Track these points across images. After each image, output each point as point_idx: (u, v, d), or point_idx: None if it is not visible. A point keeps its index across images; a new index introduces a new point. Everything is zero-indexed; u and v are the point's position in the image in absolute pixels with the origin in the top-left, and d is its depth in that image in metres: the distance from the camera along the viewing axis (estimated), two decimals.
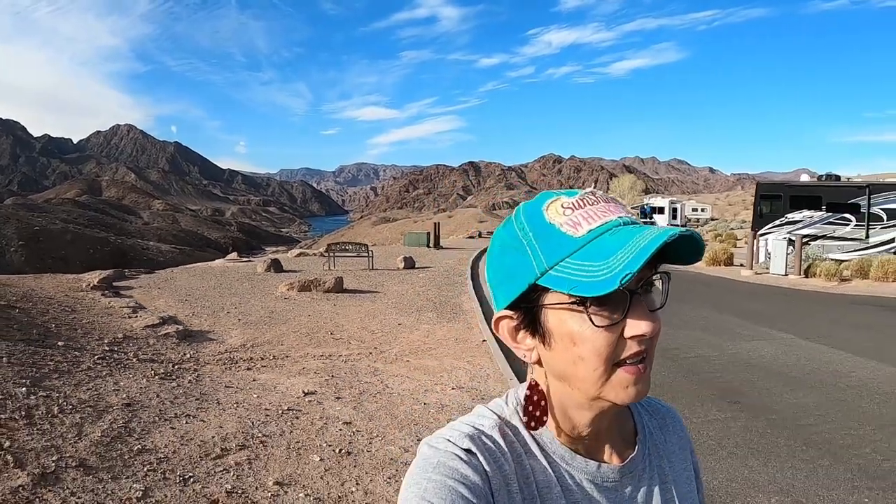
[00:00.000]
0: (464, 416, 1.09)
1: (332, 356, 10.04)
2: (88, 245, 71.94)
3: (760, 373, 10.03)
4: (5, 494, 4.15)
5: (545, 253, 0.95)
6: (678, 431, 1.25)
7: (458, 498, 0.91)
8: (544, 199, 1.02)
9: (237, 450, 5.61)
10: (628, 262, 0.86)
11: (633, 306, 0.93)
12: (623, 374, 0.94)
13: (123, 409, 6.26)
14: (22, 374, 6.74)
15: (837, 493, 5.64)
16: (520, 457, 1.03)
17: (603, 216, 0.96)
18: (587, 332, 0.93)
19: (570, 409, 1.03)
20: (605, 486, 1.06)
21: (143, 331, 10.40)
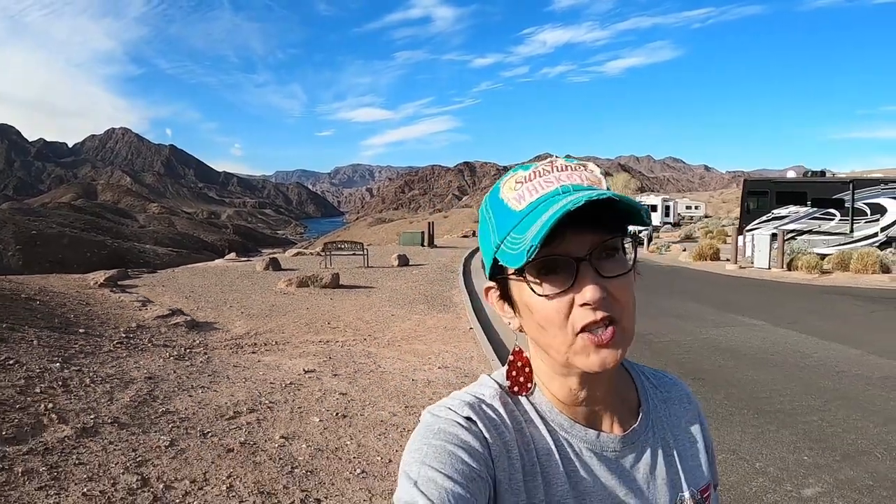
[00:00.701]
0: (467, 386, 1.13)
1: (329, 342, 10.81)
2: (85, 248, 71.54)
3: (728, 355, 10.75)
4: (53, 443, 4.95)
5: (498, 228, 1.00)
6: (685, 404, 1.26)
7: (458, 461, 0.93)
8: (506, 175, 1.06)
9: (247, 412, 6.43)
10: (535, 235, 0.88)
11: (581, 274, 0.95)
12: (584, 342, 0.95)
13: (146, 381, 7.09)
14: (52, 354, 7.55)
15: (780, 452, 6.36)
16: (520, 425, 1.05)
17: (545, 187, 0.98)
18: (536, 301, 0.97)
19: (555, 376, 1.06)
20: (605, 456, 1.08)
21: (155, 321, 11.18)
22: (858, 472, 5.84)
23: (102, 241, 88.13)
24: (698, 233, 52.33)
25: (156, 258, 75.40)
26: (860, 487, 5.48)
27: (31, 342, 7.81)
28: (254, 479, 4.79)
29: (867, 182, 27.99)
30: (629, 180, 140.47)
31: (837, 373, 9.51)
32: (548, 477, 1.02)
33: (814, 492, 5.39)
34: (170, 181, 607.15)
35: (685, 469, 1.15)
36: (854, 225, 27.49)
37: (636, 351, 10.65)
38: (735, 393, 8.49)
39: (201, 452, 5.22)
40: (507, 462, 0.99)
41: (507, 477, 0.98)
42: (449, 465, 0.92)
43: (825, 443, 6.64)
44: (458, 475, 0.91)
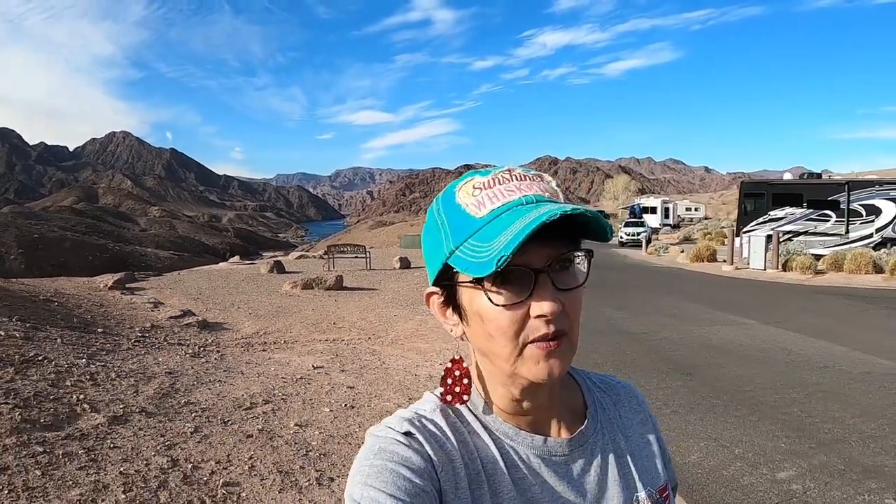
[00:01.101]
0: (412, 404, 1.13)
1: (335, 341, 11.30)
2: (87, 252, 70.56)
3: (717, 351, 11.21)
4: (88, 429, 5.44)
5: (453, 233, 0.98)
6: (635, 407, 1.27)
7: (400, 479, 0.93)
8: (461, 180, 1.04)
9: (263, 404, 6.94)
10: (505, 245, 0.87)
11: (539, 286, 0.95)
12: (533, 350, 0.96)
13: (166, 375, 7.60)
14: (77, 351, 8.05)
15: (758, 439, 6.79)
16: (463, 436, 1.05)
17: (507, 195, 0.97)
18: (490, 310, 0.96)
19: (499, 385, 1.06)
20: (553, 461, 1.08)
21: (168, 321, 11.68)
22: (832, 457, 6.24)
23: (104, 244, 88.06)
24: (697, 234, 52.50)
25: (157, 261, 75.41)
26: (832, 471, 5.89)
27: (55, 340, 8.30)
28: (273, 461, 5.30)
29: (862, 184, 28.32)
30: (629, 182, 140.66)
31: (821, 368, 9.92)
32: (494, 486, 1.02)
33: (787, 475, 5.81)
34: (171, 185, 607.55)
35: (640, 469, 1.17)
36: (849, 226, 27.81)
37: (629, 347, 11.22)
38: (721, 386, 8.93)
39: (223, 438, 5.72)
40: (451, 473, 0.99)
41: (452, 488, 0.98)
42: (391, 483, 0.93)
43: (802, 431, 7.04)
44: (400, 493, 0.92)
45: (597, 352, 10.92)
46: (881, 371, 9.63)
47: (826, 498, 5.33)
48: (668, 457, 1.27)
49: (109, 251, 79.69)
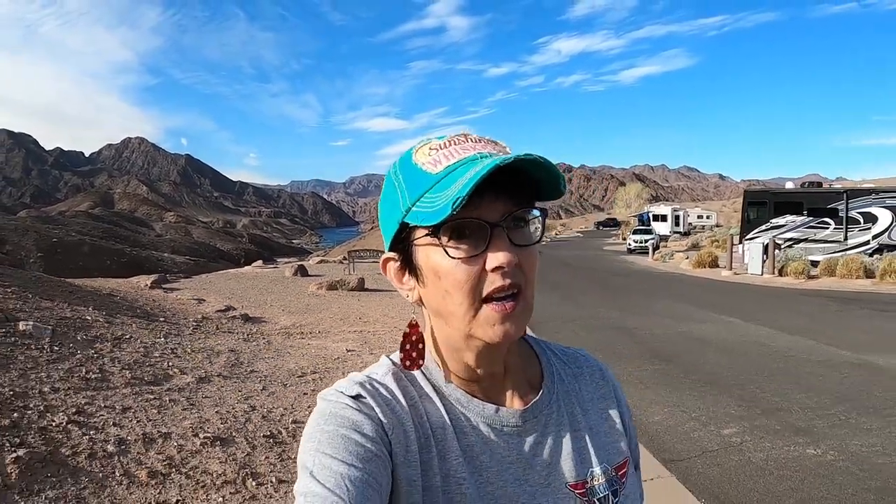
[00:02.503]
0: (365, 369, 1.12)
1: (362, 332, 12.93)
2: (105, 256, 72.43)
3: (697, 344, 12.64)
4: (182, 386, 7.13)
5: (409, 191, 0.98)
6: (598, 381, 1.25)
7: (352, 444, 0.93)
8: (417, 144, 1.05)
9: (311, 373, 8.63)
10: (461, 189, 0.88)
11: (494, 239, 0.94)
12: (489, 311, 0.96)
13: (230, 353, 9.28)
14: (153, 332, 9.76)
15: (714, 408, 8.26)
16: (413, 400, 1.05)
17: (463, 153, 0.98)
18: (447, 265, 0.96)
19: (454, 350, 1.06)
20: (504, 430, 1.07)
21: (216, 314, 13.33)
22: (771, 420, 7.69)
23: (121, 249, 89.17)
24: (705, 242, 53.04)
25: (173, 266, 76.13)
26: (768, 430, 7.34)
27: (131, 325, 9.94)
28: None
29: (860, 192, 29.28)
30: (642, 190, 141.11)
31: (786, 357, 11.34)
32: (442, 451, 1.02)
33: (730, 431, 7.29)
34: (186, 190, 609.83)
35: (597, 445, 1.15)
36: (848, 233, 28.70)
37: (622, 342, 12.69)
38: (692, 370, 10.41)
39: (286, 394, 7.41)
40: (402, 436, 0.99)
41: (403, 450, 0.98)
42: (343, 448, 0.92)
43: (753, 402, 8.50)
44: (352, 458, 0.91)
45: (591, 343, 12.35)
46: (839, 360, 10.97)
47: (757, 447, 6.77)
48: (633, 434, 1.27)
49: (127, 256, 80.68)
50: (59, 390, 5.96)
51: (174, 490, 4.48)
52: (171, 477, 4.65)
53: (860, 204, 28.66)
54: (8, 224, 72.50)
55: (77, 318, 9.19)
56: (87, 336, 8.35)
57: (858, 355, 11.32)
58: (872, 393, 8.94)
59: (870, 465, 6.28)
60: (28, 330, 7.49)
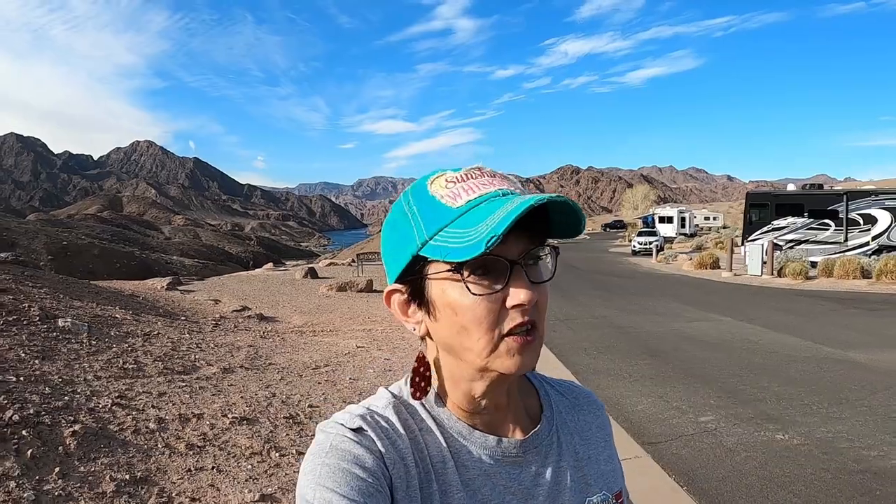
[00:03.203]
0: (364, 400, 1.12)
1: (371, 330, 13.67)
2: (115, 259, 73.01)
3: (687, 341, 13.28)
4: (209, 375, 7.92)
5: (426, 224, 0.98)
6: (594, 411, 1.28)
7: (353, 479, 0.93)
8: (431, 175, 1.05)
9: (324, 366, 9.40)
10: (494, 227, 0.88)
11: (514, 276, 0.96)
12: (509, 343, 0.96)
13: (249, 348, 10.05)
14: (177, 330, 10.54)
15: (694, 398, 8.93)
16: (414, 433, 1.04)
17: (483, 188, 0.99)
18: (467, 301, 0.96)
19: (461, 382, 1.05)
20: (505, 462, 1.08)
21: (232, 314, 14.08)
22: (747, 410, 8.33)
23: (131, 252, 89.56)
24: (710, 243, 53.13)
25: (182, 269, 76.30)
26: (743, 417, 8.00)
27: (156, 323, 10.71)
28: (338, 396, 7.80)
29: (859, 194, 29.76)
30: (648, 192, 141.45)
31: (770, 353, 11.96)
32: (444, 485, 1.02)
33: (707, 418, 7.96)
34: (194, 193, 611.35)
35: (595, 474, 1.17)
36: (848, 234, 29.23)
37: (615, 337, 13.34)
38: (679, 364, 11.07)
39: (302, 383, 8.20)
40: (402, 470, 0.99)
41: (403, 485, 0.98)
42: (344, 483, 0.92)
43: (731, 394, 9.15)
44: (354, 493, 0.92)
45: (587, 340, 13.02)
46: (821, 356, 11.59)
47: (730, 432, 7.42)
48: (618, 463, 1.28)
49: (136, 259, 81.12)
50: (101, 378, 6.72)
51: (209, 459, 5.23)
52: (206, 449, 5.40)
53: (860, 206, 29.14)
54: (18, 227, 72.93)
55: (108, 316, 9.96)
56: (119, 332, 9.14)
57: (840, 351, 11.89)
58: (847, 386, 9.51)
59: (832, 448, 6.86)
60: (67, 326, 8.26)
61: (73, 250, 69.59)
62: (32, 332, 7.72)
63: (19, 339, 7.29)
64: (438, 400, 1.09)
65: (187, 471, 4.95)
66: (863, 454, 6.68)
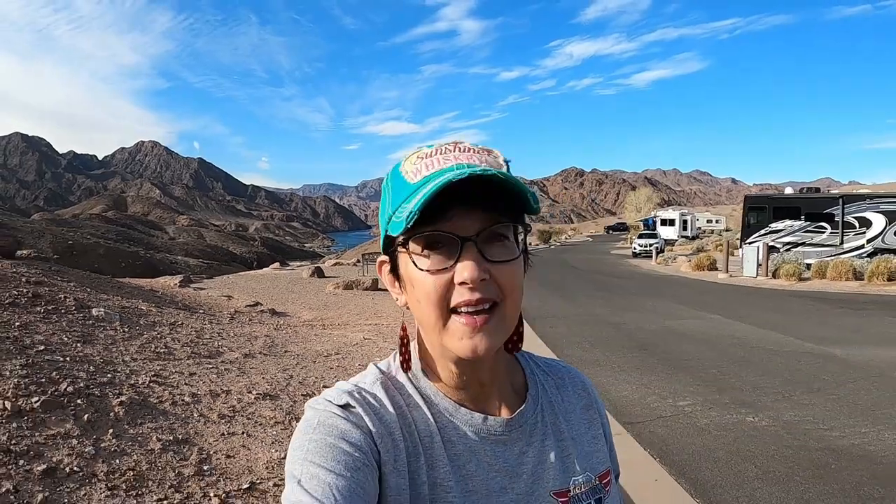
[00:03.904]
0: (353, 377, 1.14)
1: (377, 325, 14.50)
2: (120, 259, 72.25)
3: (676, 336, 14.01)
4: (232, 359, 8.71)
5: (393, 199, 1.01)
6: (579, 391, 1.27)
7: (340, 453, 0.94)
8: (412, 150, 1.06)
9: (335, 355, 10.20)
10: (417, 202, 0.90)
11: (464, 253, 0.95)
12: (457, 324, 0.97)
13: (265, 338, 10.86)
14: (198, 321, 11.32)
15: (676, 386, 9.67)
16: (402, 408, 1.06)
17: (443, 164, 0.99)
18: (418, 275, 0.98)
19: (437, 358, 1.08)
20: (491, 439, 1.09)
21: (246, 308, 14.88)
22: (723, 396, 9.07)
23: (136, 251, 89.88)
24: (710, 246, 53.49)
25: (187, 269, 76.44)
26: (718, 403, 8.73)
27: (178, 314, 11.50)
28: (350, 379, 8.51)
29: (855, 197, 30.43)
30: (651, 194, 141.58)
31: (754, 348, 12.65)
32: (430, 459, 1.03)
33: (685, 403, 8.70)
34: (198, 194, 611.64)
35: (580, 454, 1.17)
36: (844, 237, 29.70)
37: (608, 333, 14.05)
38: (666, 357, 11.80)
39: (316, 368, 9.01)
40: (390, 445, 1.00)
41: (391, 458, 0.99)
42: (331, 458, 0.93)
43: (710, 382, 9.87)
44: (341, 467, 0.92)
45: (582, 335, 13.76)
46: (801, 350, 12.27)
47: (704, 415, 8.14)
48: (612, 445, 1.29)
49: (141, 258, 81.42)
50: (137, 360, 7.51)
51: (239, 426, 6.01)
52: (235, 418, 6.19)
53: (855, 209, 29.66)
54: (24, 227, 73.37)
55: (134, 308, 10.75)
56: (146, 321, 9.93)
57: (820, 347, 12.54)
58: (820, 377, 10.16)
59: (797, 430, 7.54)
60: (101, 315, 9.05)
61: (78, 250, 69.21)
62: (71, 319, 8.48)
63: (60, 325, 8.06)
64: (426, 375, 1.11)
65: (221, 435, 5.72)
66: (824, 434, 7.34)
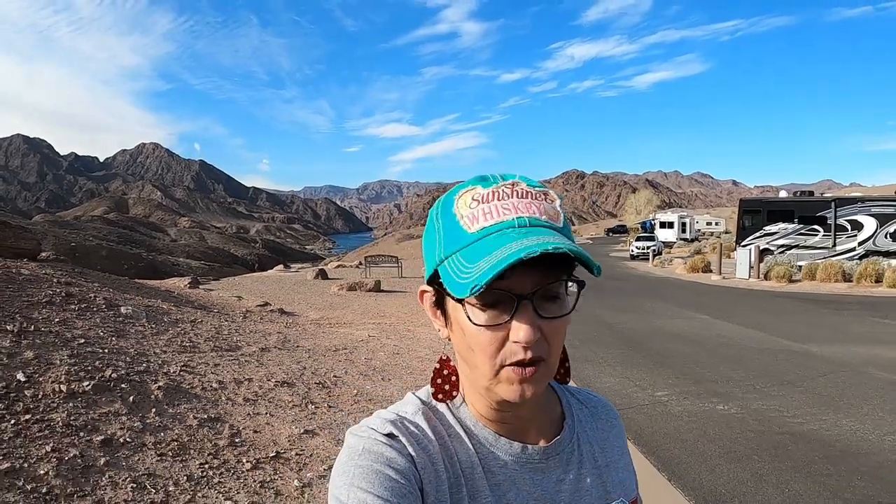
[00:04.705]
0: (391, 406, 1.14)
1: (380, 324, 15.33)
2: (123, 261, 74.34)
3: (664, 335, 14.79)
4: (250, 353, 9.55)
5: (445, 243, 1.00)
6: (612, 420, 1.31)
7: (386, 480, 0.95)
8: (462, 187, 1.04)
9: (342, 349, 11.08)
10: (481, 275, 0.89)
11: (520, 311, 0.95)
12: (509, 373, 0.97)
13: (278, 334, 11.69)
14: (215, 319, 12.13)
15: (656, 379, 10.44)
16: (443, 439, 1.07)
17: (502, 215, 0.97)
18: (471, 328, 0.97)
19: (480, 394, 1.08)
20: (529, 468, 1.10)
21: (256, 308, 15.69)
22: (699, 388, 9.82)
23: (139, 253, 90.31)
24: (707, 248, 53.95)
25: (189, 271, 76.62)
26: (692, 393, 9.50)
27: (196, 313, 12.30)
28: (357, 371, 9.47)
29: (847, 200, 31.16)
30: (651, 197, 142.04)
31: (734, 345, 13.39)
32: (472, 490, 1.04)
33: (661, 393, 9.48)
34: (199, 196, 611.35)
35: (613, 480, 1.20)
36: (836, 239, 30.52)
37: (599, 331, 14.84)
38: (651, 353, 12.59)
39: (326, 360, 9.89)
40: (433, 474, 1.01)
41: (433, 489, 1.01)
42: (378, 484, 0.94)
43: (688, 376, 10.62)
44: (387, 493, 0.94)
45: (572, 333, 14.12)
46: (779, 347, 12.99)
47: (679, 404, 8.92)
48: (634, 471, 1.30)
49: (143, 260, 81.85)
50: (166, 352, 8.34)
51: (263, 408, 6.86)
52: (258, 402, 7.04)
53: (847, 212, 30.40)
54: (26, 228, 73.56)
55: (156, 307, 11.56)
56: (170, 319, 10.75)
57: (799, 344, 13.23)
58: (794, 371, 10.87)
59: (763, 417, 8.27)
60: (129, 312, 9.86)
61: (81, 251, 70.05)
62: (103, 316, 9.29)
63: (94, 321, 8.85)
64: (465, 406, 1.12)
65: (247, 414, 6.57)
66: (787, 421, 8.07)
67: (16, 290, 8.95)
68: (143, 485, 4.57)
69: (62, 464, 4.51)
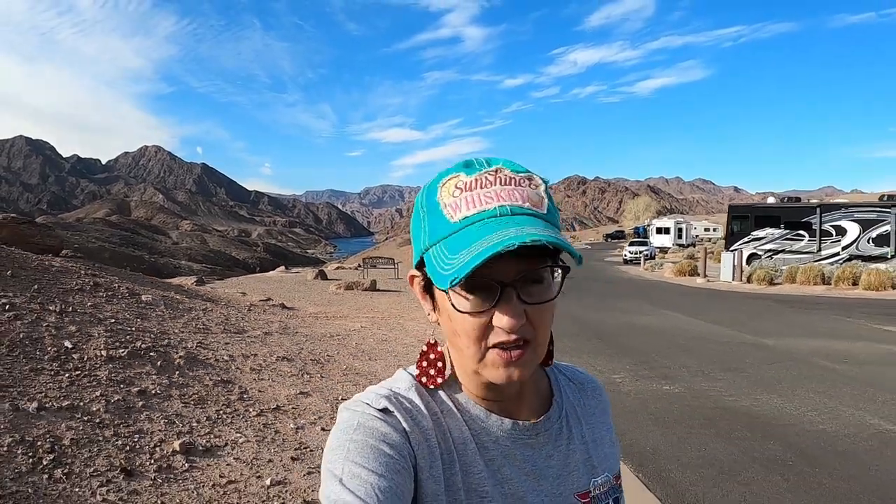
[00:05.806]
0: (383, 381, 1.16)
1: (373, 317, 16.63)
2: (125, 263, 71.70)
3: (634, 330, 15.86)
4: (256, 336, 10.87)
5: (429, 231, 1.01)
6: (598, 397, 1.33)
7: (381, 455, 0.96)
8: (446, 174, 1.04)
9: (336, 336, 12.42)
10: (462, 266, 0.89)
11: (503, 298, 0.97)
12: (494, 356, 0.99)
13: (280, 324, 13.02)
14: (224, 309, 13.45)
15: (616, 365, 11.51)
16: (436, 415, 1.09)
17: (484, 203, 0.98)
18: (456, 314, 0.99)
19: (469, 375, 1.10)
20: (520, 443, 1.12)
21: (260, 303, 16.96)
22: (652, 373, 10.90)
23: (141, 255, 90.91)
24: (700, 253, 54.57)
25: (191, 273, 78.12)
26: (645, 377, 10.56)
27: (205, 304, 13.57)
28: (348, 352, 10.83)
29: (831, 206, 32.18)
30: (650, 203, 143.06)
31: (696, 338, 14.40)
32: (465, 465, 1.06)
33: (617, 376, 10.59)
34: (201, 199, 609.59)
35: (599, 455, 1.23)
36: (821, 244, 31.48)
37: (574, 327, 15.91)
38: (617, 345, 13.70)
39: (322, 343, 11.26)
40: (426, 450, 1.03)
41: (427, 465, 1.02)
42: (372, 459, 0.95)
43: (646, 363, 11.63)
44: (382, 468, 0.94)
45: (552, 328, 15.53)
46: (738, 341, 13.96)
47: (630, 385, 10.01)
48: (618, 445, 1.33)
49: (146, 262, 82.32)
50: (184, 332, 9.65)
51: (266, 375, 8.21)
52: (262, 371, 8.39)
53: (832, 217, 31.45)
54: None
55: (171, 297, 12.82)
56: (184, 307, 12.05)
57: (757, 338, 14.19)
58: (744, 360, 11.78)
59: (702, 395, 9.30)
60: (149, 300, 11.14)
61: (84, 253, 68.86)
62: (127, 303, 10.55)
63: (120, 306, 10.11)
64: (455, 384, 1.14)
65: (253, 380, 7.93)
66: (723, 399, 9.10)
67: (51, 280, 10.20)
68: (172, 421, 5.89)
69: (109, 404, 5.82)
